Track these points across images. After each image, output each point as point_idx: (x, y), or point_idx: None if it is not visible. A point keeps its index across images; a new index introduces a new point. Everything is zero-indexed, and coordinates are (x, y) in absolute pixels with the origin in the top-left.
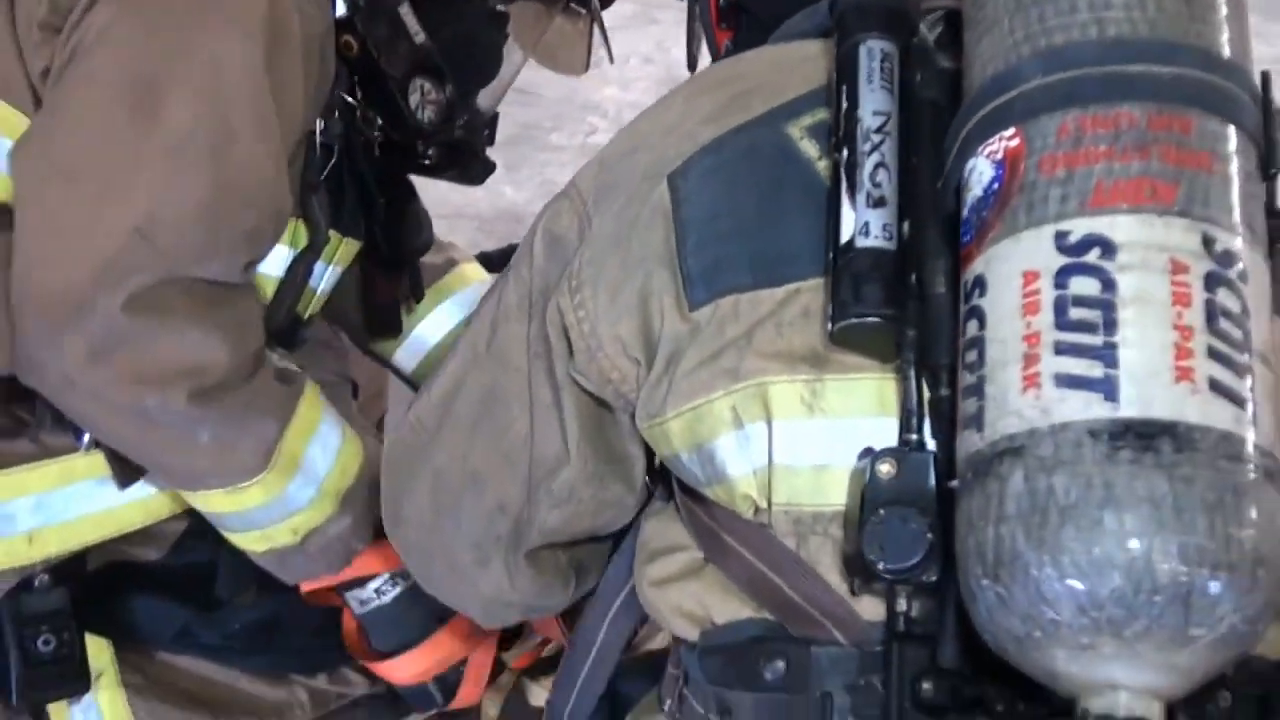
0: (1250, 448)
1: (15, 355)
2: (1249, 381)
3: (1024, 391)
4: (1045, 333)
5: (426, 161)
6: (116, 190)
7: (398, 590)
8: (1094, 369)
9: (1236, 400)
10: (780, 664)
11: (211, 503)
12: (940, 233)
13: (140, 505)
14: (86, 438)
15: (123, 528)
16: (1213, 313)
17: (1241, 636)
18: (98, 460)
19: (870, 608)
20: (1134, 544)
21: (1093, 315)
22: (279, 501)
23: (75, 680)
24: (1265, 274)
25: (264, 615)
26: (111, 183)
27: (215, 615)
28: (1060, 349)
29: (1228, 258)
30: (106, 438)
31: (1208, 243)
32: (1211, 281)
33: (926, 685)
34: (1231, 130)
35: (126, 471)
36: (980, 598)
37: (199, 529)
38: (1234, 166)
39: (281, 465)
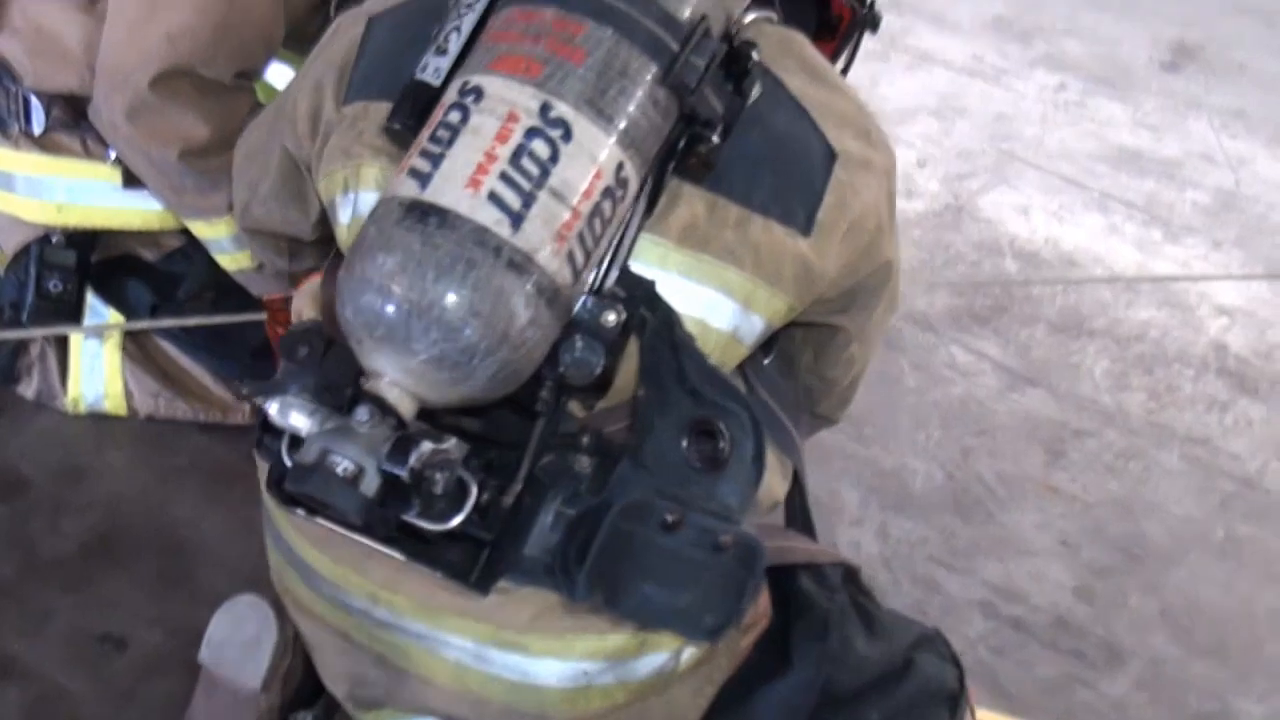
0: (500, 243)
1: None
2: (525, 202)
3: (398, 175)
4: (423, 141)
5: None
6: (162, 8)
7: None
8: (427, 167)
9: (505, 210)
10: (306, 349)
11: (197, 229)
12: None
13: (138, 212)
14: (113, 155)
15: (125, 224)
16: (520, 151)
17: (456, 363)
18: (119, 171)
19: None
20: (384, 276)
21: (448, 135)
22: (240, 237)
23: (70, 318)
24: (602, 146)
25: (219, 328)
26: (160, 2)
27: (176, 309)
28: (421, 153)
29: (557, 123)
30: (133, 168)
31: (545, 109)
32: (532, 134)
33: None
34: (624, 42)
35: (131, 180)
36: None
37: (186, 249)
38: (611, 68)
39: None
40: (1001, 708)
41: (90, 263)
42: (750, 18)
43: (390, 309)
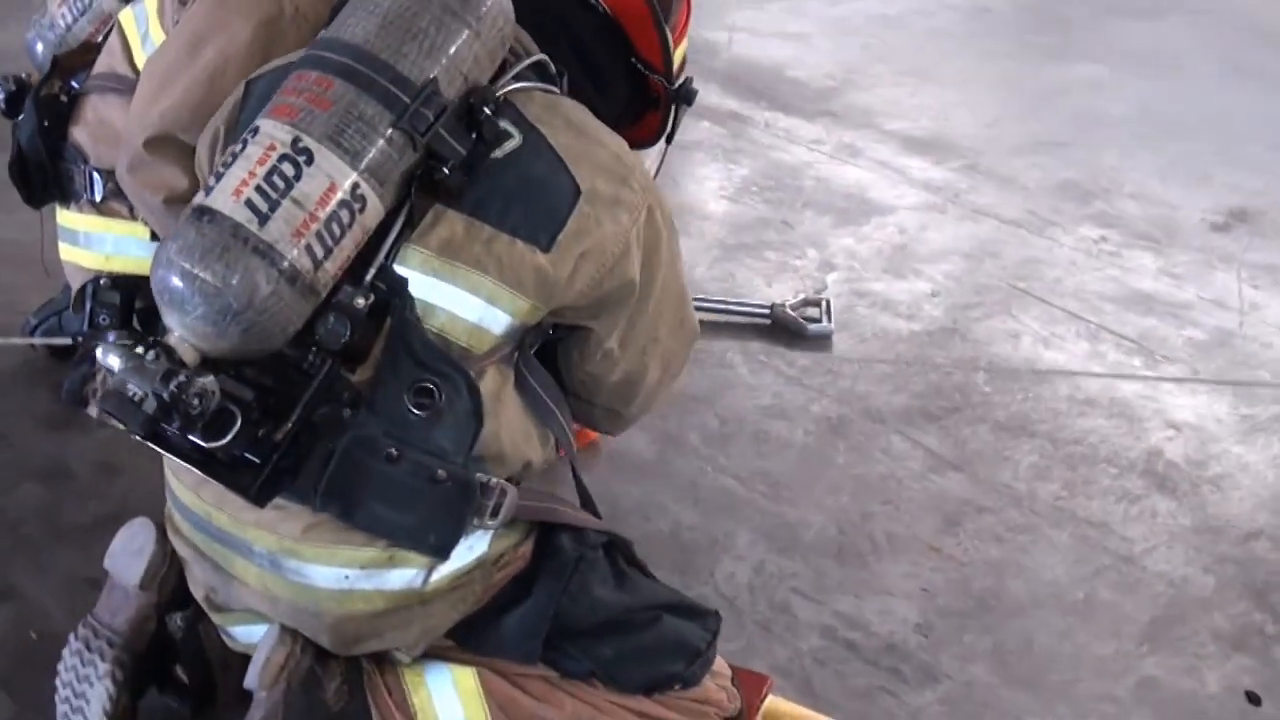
0: (249, 235)
1: None
2: (271, 207)
3: (201, 190)
4: (216, 165)
5: None
6: (165, 88)
7: None
8: (213, 182)
9: (254, 211)
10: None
11: None
12: None
13: None
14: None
15: None
16: (272, 170)
17: (215, 321)
18: (149, 229)
19: None
20: (171, 255)
21: (230, 160)
22: None
23: None
24: (339, 170)
25: None
26: (164, 83)
27: None
28: (214, 173)
29: (303, 151)
30: (139, 212)
31: (295, 141)
32: (282, 158)
33: None
34: (364, 95)
35: (155, 236)
36: None
37: None
38: (350, 113)
39: None
40: (804, 704)
41: (134, 305)
42: (516, 86)
43: (173, 279)
